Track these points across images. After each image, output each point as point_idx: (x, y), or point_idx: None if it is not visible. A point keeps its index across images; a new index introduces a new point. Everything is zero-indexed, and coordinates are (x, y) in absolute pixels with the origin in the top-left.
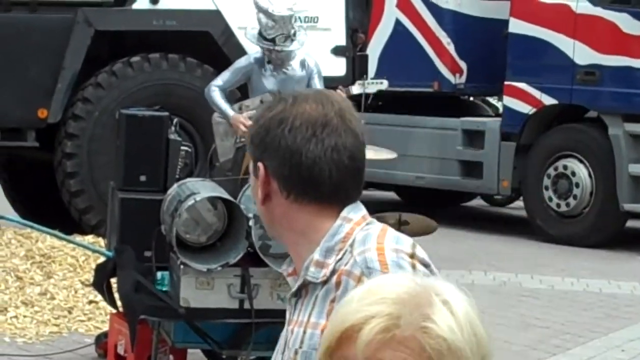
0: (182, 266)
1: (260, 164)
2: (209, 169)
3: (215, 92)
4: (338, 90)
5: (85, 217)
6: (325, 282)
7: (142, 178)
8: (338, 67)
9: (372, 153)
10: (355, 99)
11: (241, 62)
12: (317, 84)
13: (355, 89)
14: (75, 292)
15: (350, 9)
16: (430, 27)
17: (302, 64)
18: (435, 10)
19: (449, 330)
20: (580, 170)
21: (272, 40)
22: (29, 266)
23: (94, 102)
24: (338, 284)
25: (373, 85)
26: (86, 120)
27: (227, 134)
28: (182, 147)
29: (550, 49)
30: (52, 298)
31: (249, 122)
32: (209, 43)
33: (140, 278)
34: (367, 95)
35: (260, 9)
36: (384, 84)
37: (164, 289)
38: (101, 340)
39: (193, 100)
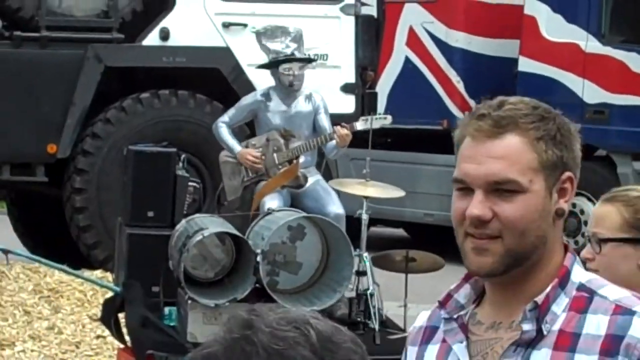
0: (189, 301)
1: None
2: (217, 208)
3: (222, 128)
4: (341, 126)
5: (94, 252)
6: None
7: (150, 214)
8: (347, 104)
9: (380, 191)
10: (361, 135)
11: (247, 99)
12: (324, 119)
13: (359, 125)
14: (83, 326)
15: (360, 47)
16: (439, 65)
17: (308, 99)
18: (445, 49)
19: None
20: (589, 209)
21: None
22: (37, 300)
23: (103, 138)
24: None
25: (377, 121)
26: (95, 156)
27: (234, 173)
28: (190, 183)
29: (559, 88)
30: (60, 332)
31: (257, 153)
32: (218, 80)
33: (148, 313)
34: (369, 132)
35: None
36: (387, 120)
37: (172, 324)
38: None
39: (202, 136)
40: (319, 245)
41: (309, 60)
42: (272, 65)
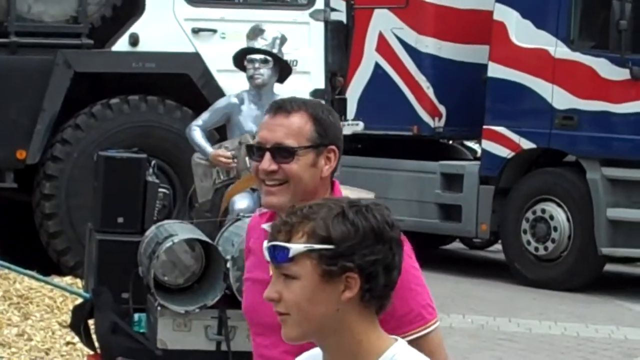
0: (159, 308)
1: None
2: (188, 210)
3: (195, 131)
4: None
5: (64, 258)
6: None
7: (120, 220)
8: None
9: (349, 193)
10: None
11: (221, 103)
12: None
13: None
14: (53, 333)
15: (330, 52)
16: (409, 71)
17: None
18: (415, 54)
19: None
20: (559, 214)
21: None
22: (6, 307)
23: (72, 144)
24: None
25: (349, 127)
26: (65, 162)
27: (205, 175)
28: (160, 189)
29: (529, 94)
30: (30, 339)
31: (229, 154)
32: (188, 85)
33: (118, 320)
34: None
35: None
36: (359, 126)
37: (141, 330)
38: None
39: (172, 142)
40: None
41: (270, 54)
42: (238, 59)
